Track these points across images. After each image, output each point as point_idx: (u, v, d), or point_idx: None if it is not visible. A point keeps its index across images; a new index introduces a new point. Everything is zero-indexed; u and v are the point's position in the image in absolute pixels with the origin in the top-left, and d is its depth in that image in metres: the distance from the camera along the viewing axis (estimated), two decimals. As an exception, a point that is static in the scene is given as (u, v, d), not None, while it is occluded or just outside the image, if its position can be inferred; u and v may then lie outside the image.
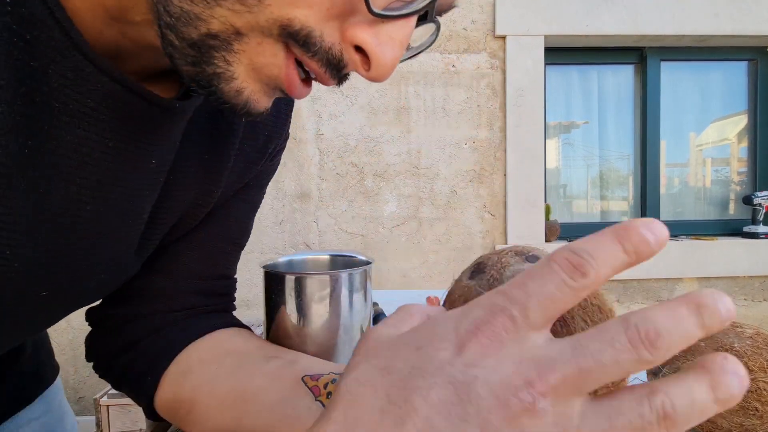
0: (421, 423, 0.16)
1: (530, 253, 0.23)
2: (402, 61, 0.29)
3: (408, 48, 0.31)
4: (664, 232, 0.17)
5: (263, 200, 0.51)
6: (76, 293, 0.35)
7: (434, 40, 0.31)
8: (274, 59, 0.25)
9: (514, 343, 0.17)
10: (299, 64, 0.26)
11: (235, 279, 0.50)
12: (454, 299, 0.25)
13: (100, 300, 0.43)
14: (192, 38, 0.23)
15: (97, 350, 0.45)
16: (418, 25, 0.27)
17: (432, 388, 0.16)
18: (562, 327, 0.22)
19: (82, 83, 0.26)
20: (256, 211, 0.50)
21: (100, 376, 0.45)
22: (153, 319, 0.43)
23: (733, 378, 0.16)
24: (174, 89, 0.34)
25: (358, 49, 0.25)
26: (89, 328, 0.46)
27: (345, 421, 0.17)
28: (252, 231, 0.50)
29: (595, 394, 0.17)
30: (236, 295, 0.53)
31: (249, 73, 0.25)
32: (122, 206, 0.32)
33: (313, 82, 0.28)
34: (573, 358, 0.16)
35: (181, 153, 0.36)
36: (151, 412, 0.42)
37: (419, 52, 0.31)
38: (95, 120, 0.27)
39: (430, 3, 0.24)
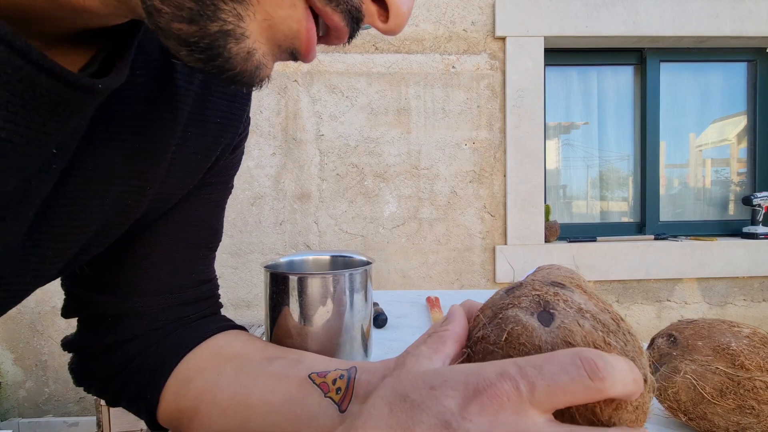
0: None
1: (550, 309, 0.23)
2: None
3: None
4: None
5: (263, 200, 0.50)
6: None
7: None
8: (293, 11, 0.22)
9: (512, 412, 0.18)
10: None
11: (216, 278, 0.48)
12: (485, 306, 0.27)
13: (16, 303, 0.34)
14: None
15: (85, 376, 0.43)
16: None
17: (431, 427, 0.18)
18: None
19: None
20: (224, 209, 0.47)
21: (94, 395, 0.43)
22: (141, 340, 0.41)
23: None
24: (83, 59, 0.27)
25: None
26: None
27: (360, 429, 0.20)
28: (252, 231, 0.50)
29: None
30: (237, 295, 0.52)
31: (263, 31, 0.22)
32: None
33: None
34: None
35: (103, 142, 0.30)
36: (153, 425, 0.41)
37: None
38: None
39: None
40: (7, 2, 0.22)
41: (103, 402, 1.42)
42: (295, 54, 0.24)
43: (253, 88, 0.24)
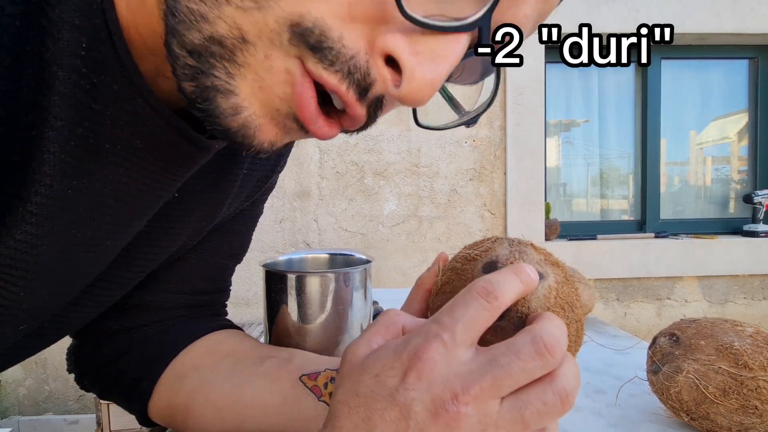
0: None
1: (498, 264, 0.26)
2: (457, 125, 0.27)
3: (462, 113, 0.28)
4: (535, 274, 0.24)
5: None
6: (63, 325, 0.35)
7: (493, 98, 0.27)
8: (286, 75, 0.21)
9: (444, 364, 0.21)
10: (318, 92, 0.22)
11: (230, 289, 0.51)
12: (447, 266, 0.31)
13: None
14: (193, 43, 0.20)
15: (83, 362, 0.44)
16: (474, 54, 0.22)
17: (385, 410, 0.21)
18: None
19: (136, 125, 0.25)
20: (257, 223, 0.50)
21: (82, 388, 0.44)
22: (145, 330, 0.42)
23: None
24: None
25: (390, 62, 0.21)
26: None
27: None
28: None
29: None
30: (236, 293, 0.53)
31: (254, 92, 0.21)
32: (131, 234, 0.32)
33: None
34: (489, 372, 0.20)
35: (189, 181, 0.35)
36: (144, 419, 0.42)
37: (478, 115, 0.27)
38: (139, 160, 0.27)
39: (482, 17, 0.20)
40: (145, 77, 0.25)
41: (102, 399, 1.42)
42: (299, 122, 0.23)
43: (249, 151, 0.23)
